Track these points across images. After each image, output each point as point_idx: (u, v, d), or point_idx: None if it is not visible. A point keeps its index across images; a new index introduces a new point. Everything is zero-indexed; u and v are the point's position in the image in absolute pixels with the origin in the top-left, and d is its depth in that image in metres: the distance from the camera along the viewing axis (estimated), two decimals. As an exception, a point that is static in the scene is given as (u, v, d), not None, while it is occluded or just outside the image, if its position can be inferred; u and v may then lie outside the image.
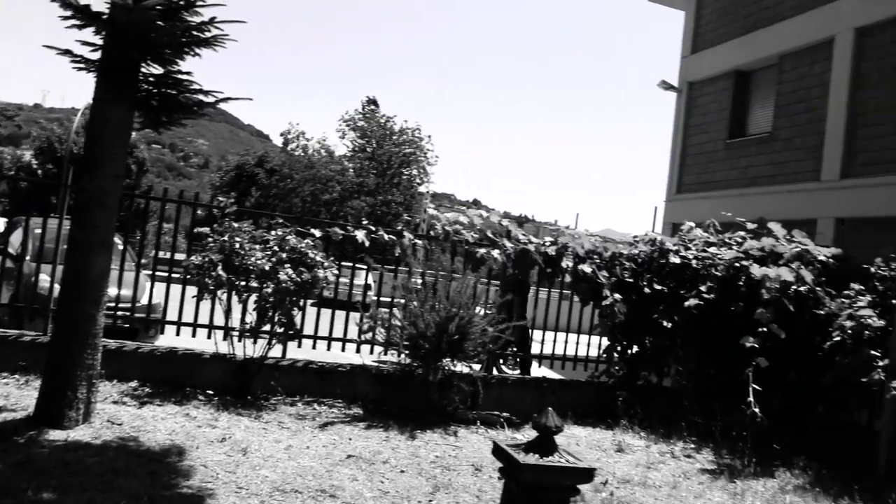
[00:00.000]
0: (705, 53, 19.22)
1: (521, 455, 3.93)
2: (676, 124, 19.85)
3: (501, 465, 4.15)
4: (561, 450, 4.03)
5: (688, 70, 19.83)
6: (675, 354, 10.07)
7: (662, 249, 10.18)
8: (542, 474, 3.84)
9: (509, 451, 3.97)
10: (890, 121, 14.00)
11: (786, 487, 7.40)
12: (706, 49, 19.25)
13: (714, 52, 18.85)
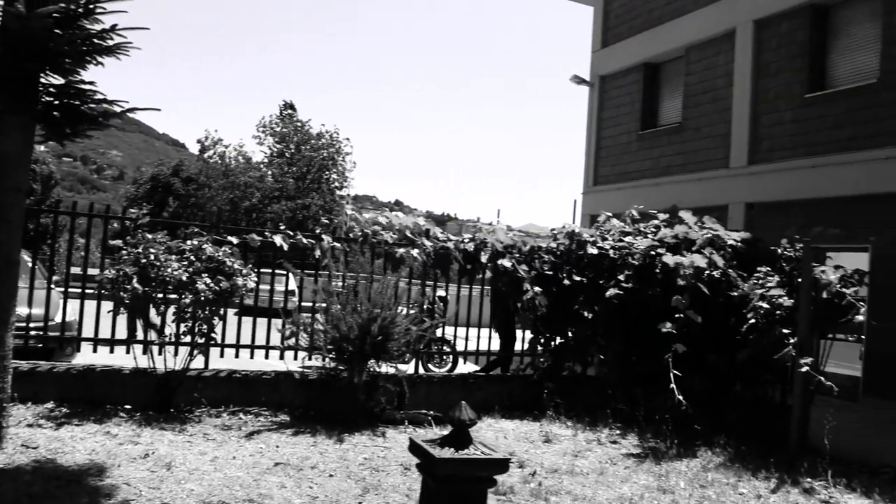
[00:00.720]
0: (615, 47, 19.63)
1: (436, 450, 3.96)
2: (590, 118, 20.22)
3: (418, 462, 4.17)
4: (477, 442, 4.07)
5: (599, 64, 20.21)
6: (597, 344, 10.27)
7: (580, 241, 10.36)
8: (457, 467, 3.87)
9: (425, 446, 3.99)
10: (790, 108, 14.56)
11: (707, 466, 7.63)
12: (616, 43, 19.66)
13: (623, 45, 19.27)
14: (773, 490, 6.98)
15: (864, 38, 13.71)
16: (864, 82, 13.38)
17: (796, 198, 13.99)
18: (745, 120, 15.33)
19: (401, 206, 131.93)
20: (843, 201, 13.26)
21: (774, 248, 9.30)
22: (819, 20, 14.42)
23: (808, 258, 8.08)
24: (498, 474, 4.04)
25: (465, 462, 3.88)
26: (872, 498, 6.87)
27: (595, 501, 6.29)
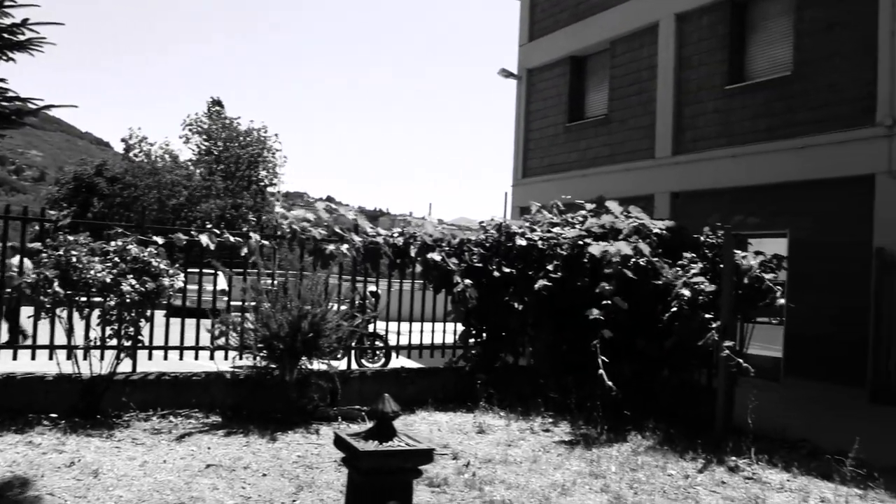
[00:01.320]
0: (542, 41, 19.84)
1: (360, 443, 3.97)
2: (518, 110, 20.41)
3: (343, 456, 4.18)
4: (402, 434, 4.10)
5: (526, 57, 20.41)
6: (527, 334, 10.40)
7: (509, 233, 10.47)
8: (381, 460, 3.89)
9: (349, 440, 4.00)
10: (711, 99, 14.96)
11: (637, 449, 7.80)
12: (542, 37, 19.89)
13: (550, 39, 19.50)
14: (700, 470, 7.17)
15: (778, 31, 14.17)
16: (780, 74, 13.84)
17: (719, 186, 14.41)
18: (668, 111, 15.69)
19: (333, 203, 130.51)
20: (763, 189, 13.71)
21: (698, 236, 9.55)
22: (737, 14, 14.84)
23: (728, 245, 8.31)
24: (423, 465, 4.07)
25: (389, 454, 3.90)
26: (791, 472, 7.13)
27: (528, 489, 6.37)
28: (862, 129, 12.25)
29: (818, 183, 12.88)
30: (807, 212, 13.09)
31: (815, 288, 12.67)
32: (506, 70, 20.37)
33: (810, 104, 13.16)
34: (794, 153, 13.17)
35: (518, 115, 20.52)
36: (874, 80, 12.21)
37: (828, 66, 12.98)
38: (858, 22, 12.60)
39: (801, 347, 12.94)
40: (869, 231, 12.06)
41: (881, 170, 11.94)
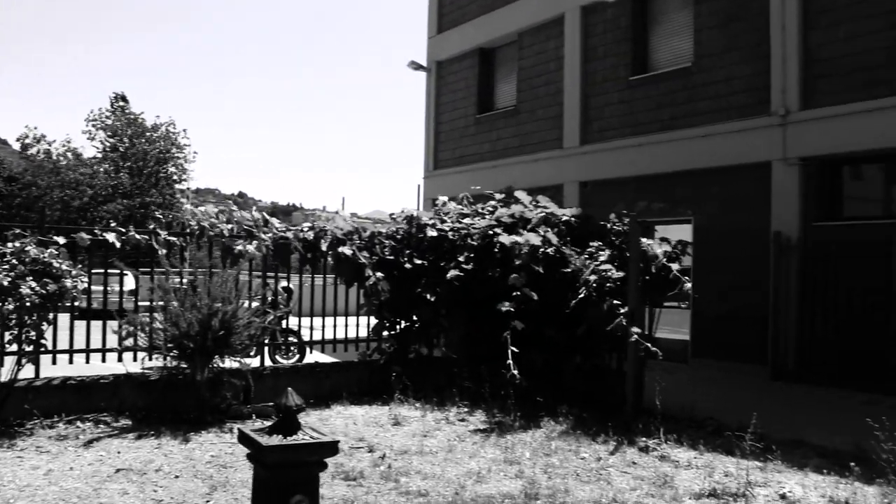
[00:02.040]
0: (450, 33, 19.91)
1: (264, 438, 3.94)
2: (428, 102, 20.46)
3: (248, 452, 4.15)
4: (306, 427, 4.09)
5: (435, 50, 20.45)
6: (441, 326, 10.46)
7: (419, 224, 10.50)
8: (285, 454, 3.87)
9: (252, 435, 3.97)
10: (617, 90, 15.30)
11: (551, 435, 7.96)
12: (451, 29, 19.96)
13: (459, 31, 19.58)
14: (611, 452, 7.36)
15: (679, 24, 14.59)
16: (681, 65, 14.26)
17: (626, 175, 14.77)
18: (575, 102, 15.98)
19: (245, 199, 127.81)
20: (668, 177, 14.12)
21: (604, 224, 9.77)
22: (640, 7, 15.21)
23: (634, 232, 8.53)
24: (328, 457, 4.07)
25: (294, 448, 3.88)
26: (698, 449, 7.39)
27: (444, 478, 6.42)
28: (758, 118, 12.75)
29: (719, 170, 13.34)
30: (710, 198, 13.56)
31: (719, 271, 13.15)
32: (415, 62, 20.37)
33: (710, 94, 13.61)
34: (695, 142, 13.60)
35: (428, 107, 20.57)
36: (768, 72, 12.71)
37: (725, 58, 13.44)
38: (752, 16, 13.08)
39: (707, 329, 13.41)
40: (767, 216, 12.57)
41: (776, 157, 12.45)
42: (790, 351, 12.16)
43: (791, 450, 7.42)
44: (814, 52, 12.26)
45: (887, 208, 12.08)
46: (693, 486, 6.28)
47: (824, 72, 12.13)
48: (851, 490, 6.11)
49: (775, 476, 6.59)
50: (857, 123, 11.54)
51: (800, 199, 12.23)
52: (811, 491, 6.21)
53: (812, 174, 12.29)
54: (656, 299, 9.12)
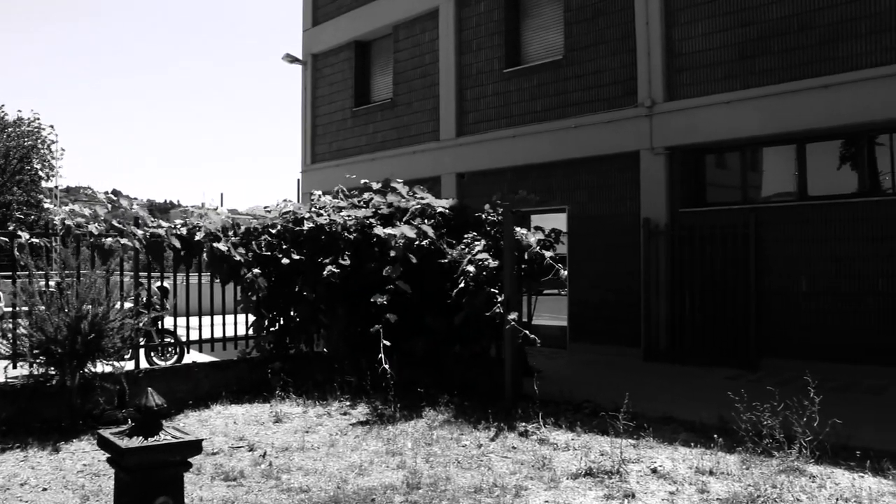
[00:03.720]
0: (326, 26, 19.72)
1: (124, 440, 3.82)
2: (304, 96, 20.22)
3: (108, 456, 4.01)
4: (168, 428, 3.99)
5: (310, 42, 20.22)
6: (320, 321, 10.35)
7: (296, 219, 10.35)
8: (146, 455, 3.76)
9: (112, 438, 3.84)
10: (491, 82, 15.53)
11: (433, 424, 8.01)
12: (326, 21, 19.77)
13: (334, 24, 19.42)
14: (492, 438, 7.48)
15: (550, 18, 14.92)
16: (552, 58, 14.60)
17: (502, 165, 15.03)
18: (451, 94, 16.12)
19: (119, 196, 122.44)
20: (543, 167, 14.46)
21: (480, 214, 9.90)
22: (512, 1, 15.49)
23: (508, 221, 8.68)
24: (192, 456, 3.98)
25: (154, 449, 3.77)
26: (575, 431, 7.60)
27: (326, 473, 6.38)
28: (626, 109, 13.21)
29: (591, 160, 13.76)
30: (583, 187, 13.97)
31: (594, 258, 13.58)
32: (290, 55, 20.06)
33: (581, 86, 14.00)
34: (568, 132, 13.97)
35: (304, 100, 20.32)
36: (634, 65, 13.19)
37: (594, 52, 13.85)
38: (618, 11, 13.54)
39: (584, 314, 13.82)
40: (637, 203, 13.06)
41: (644, 146, 12.95)
42: (661, 332, 12.68)
43: (662, 426, 7.75)
44: (676, 47, 12.80)
45: (746, 194, 12.76)
46: (570, 466, 6.46)
47: (686, 65, 12.69)
48: (715, 460, 6.43)
49: (647, 452, 6.86)
50: (715, 114, 12.15)
51: (667, 187, 12.76)
52: (680, 464, 6.50)
53: (677, 163, 12.84)
54: (532, 286, 9.33)
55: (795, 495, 5.60)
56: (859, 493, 5.59)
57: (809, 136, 11.63)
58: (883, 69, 10.59)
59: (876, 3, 10.78)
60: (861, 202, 11.11)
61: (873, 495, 5.61)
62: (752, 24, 11.95)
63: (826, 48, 11.20)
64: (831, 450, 6.45)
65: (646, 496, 5.72)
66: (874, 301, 10.75)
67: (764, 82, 11.76)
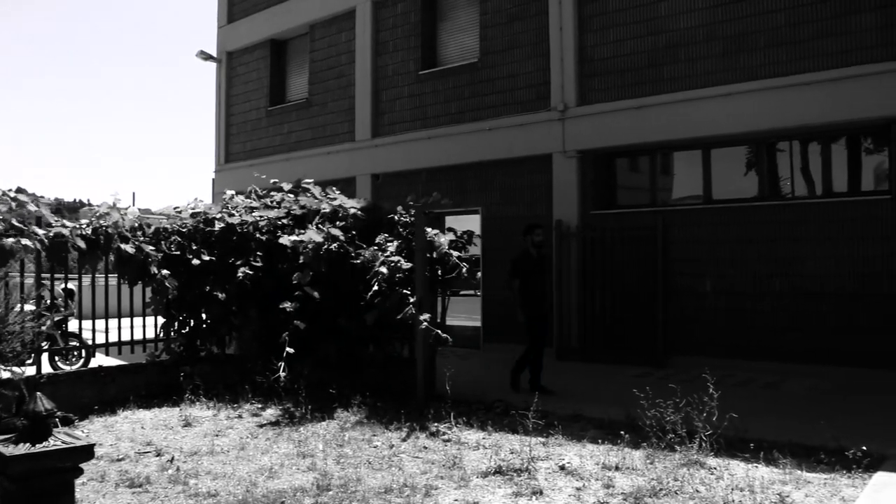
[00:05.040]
0: (241, 23, 19.45)
1: (9, 448, 3.68)
2: (219, 94, 19.90)
3: None
4: (58, 433, 3.87)
5: (225, 40, 19.90)
6: (231, 322, 10.21)
7: (207, 219, 10.16)
8: (33, 463, 3.63)
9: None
10: (407, 84, 15.58)
11: (345, 426, 7.98)
12: (242, 19, 19.50)
13: (250, 21, 19.16)
14: (404, 439, 7.49)
15: (466, 21, 15.06)
16: (468, 61, 14.74)
17: (417, 167, 15.09)
18: (367, 95, 16.11)
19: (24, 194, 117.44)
20: (457, 168, 14.58)
21: (392, 216, 9.92)
22: (429, 3, 15.56)
23: (420, 223, 8.72)
24: (83, 462, 3.86)
25: (42, 456, 3.63)
26: (487, 430, 7.68)
27: (235, 477, 6.29)
28: (539, 112, 13.44)
29: (505, 162, 13.94)
30: (497, 189, 14.15)
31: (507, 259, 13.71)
32: (204, 52, 19.67)
33: (496, 89, 14.18)
34: (482, 135, 14.12)
35: (219, 99, 19.98)
36: (548, 69, 13.43)
37: (509, 55, 14.05)
38: (533, 16, 13.77)
39: (498, 315, 13.97)
40: (550, 205, 13.30)
41: (557, 149, 13.20)
42: (573, 332, 12.94)
43: (571, 424, 7.91)
44: (588, 53, 13.09)
45: (655, 197, 13.13)
46: (481, 465, 6.53)
47: (598, 71, 12.99)
48: (622, 455, 6.60)
49: (557, 449, 6.98)
50: (626, 119, 12.48)
51: (579, 189, 13.04)
52: (587, 460, 6.64)
53: (589, 166, 13.14)
54: (444, 288, 9.39)
55: (695, 487, 5.80)
56: (752, 483, 5.82)
57: (714, 141, 12.06)
58: (777, 80, 11.09)
59: (773, 19, 11.27)
60: (762, 206, 11.59)
61: (765, 483, 5.87)
62: (661, 33, 12.32)
63: (728, 59, 11.64)
64: (730, 442, 6.71)
65: (553, 492, 5.83)
66: (771, 301, 11.22)
67: (671, 89, 12.14)
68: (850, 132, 11.19)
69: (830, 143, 11.43)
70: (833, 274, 10.79)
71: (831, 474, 6.11)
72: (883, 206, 10.52)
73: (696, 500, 5.54)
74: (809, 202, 11.34)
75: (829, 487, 5.84)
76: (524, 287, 9.96)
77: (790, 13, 11.13)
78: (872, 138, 11.06)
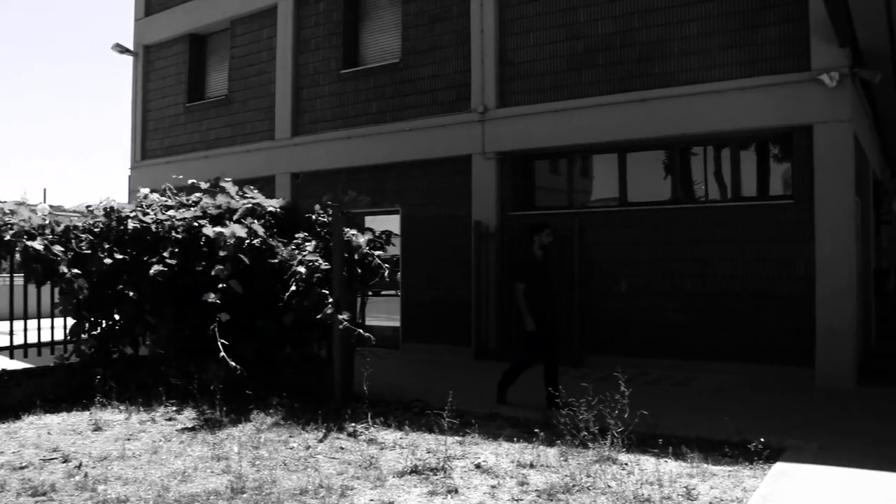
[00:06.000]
0: (160, 16, 19.03)
1: None
2: (135, 89, 19.44)
3: None
4: None
5: (143, 33, 19.45)
6: (145, 323, 9.98)
7: (120, 217, 9.91)
8: None
9: None
10: (328, 83, 15.51)
11: (261, 427, 7.90)
12: (160, 12, 19.11)
13: (168, 14, 18.77)
14: (321, 440, 7.47)
15: (388, 21, 15.06)
16: (390, 61, 14.75)
17: (337, 166, 15.04)
18: (287, 94, 15.96)
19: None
20: (378, 168, 14.58)
21: (311, 215, 9.86)
22: (351, 2, 15.51)
23: (338, 223, 8.69)
24: None
25: None
26: (404, 430, 7.72)
27: (146, 482, 6.16)
28: (460, 114, 13.54)
29: (426, 162, 14.00)
30: (416, 189, 14.19)
31: (427, 259, 13.83)
32: (120, 45, 19.12)
33: (417, 90, 14.22)
34: (403, 135, 14.15)
35: (135, 93, 19.49)
36: (469, 71, 13.55)
37: (431, 57, 14.11)
38: (455, 18, 13.86)
39: (417, 315, 14.03)
40: (469, 206, 13.42)
41: (476, 151, 13.32)
42: (491, 332, 13.09)
43: (488, 423, 8.01)
44: (509, 56, 13.25)
45: (573, 199, 13.38)
46: (397, 465, 6.56)
47: (517, 74, 13.16)
48: (536, 453, 6.73)
49: (473, 448, 7.06)
50: (544, 122, 12.68)
51: (497, 191, 13.19)
52: (503, 458, 6.74)
53: (508, 167, 13.30)
54: (362, 288, 9.38)
55: (607, 482, 5.95)
56: (661, 477, 6.01)
57: (630, 145, 12.37)
58: (690, 87, 11.44)
59: (686, 28, 11.63)
60: (676, 209, 11.93)
61: (673, 477, 6.06)
62: (580, 38, 12.55)
63: (644, 65, 11.94)
64: (641, 439, 6.92)
65: (468, 490, 5.90)
66: (684, 300, 11.56)
67: (589, 93, 12.39)
68: (759, 139, 11.64)
69: (741, 149, 11.85)
70: (741, 274, 11.19)
71: (735, 466, 6.39)
72: (787, 211, 10.95)
73: (607, 495, 5.69)
74: (720, 205, 11.74)
75: (732, 479, 6.10)
76: (530, 292, 9.12)
77: (701, 23, 11.50)
78: (779, 146, 11.52)
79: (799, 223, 10.76)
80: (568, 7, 12.68)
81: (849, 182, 10.46)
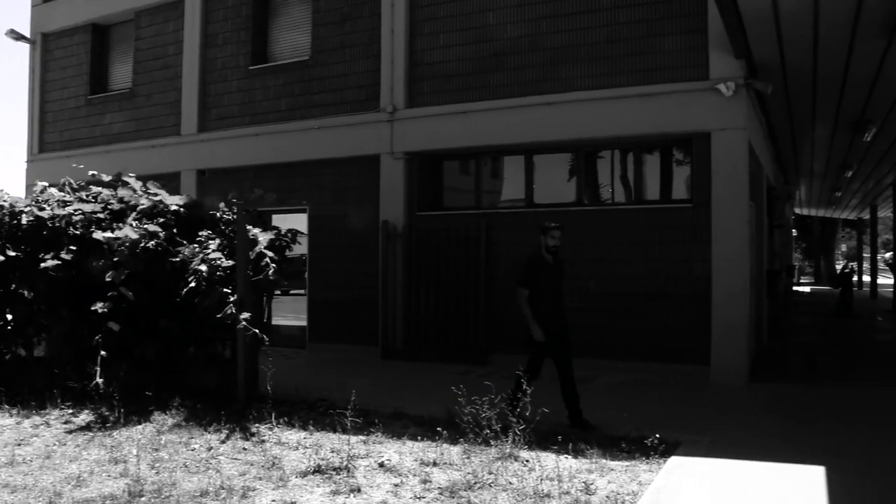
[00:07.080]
0: (59, 3, 18.36)
1: None
2: (32, 79, 18.72)
3: None
4: None
5: (41, 20, 18.70)
6: (39, 323, 9.64)
7: (13, 212, 9.56)
8: None
9: None
10: (236, 78, 15.28)
11: (162, 429, 7.76)
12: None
13: (69, 2, 18.11)
14: (223, 440, 7.38)
15: (298, 18, 14.95)
16: (299, 58, 14.65)
17: (244, 164, 14.84)
18: (194, 88, 15.65)
19: None
20: (286, 166, 14.46)
21: (214, 213, 9.70)
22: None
23: (242, 220, 8.59)
24: None
25: None
26: (308, 430, 7.70)
27: (38, 488, 5.98)
28: (369, 113, 13.55)
29: (334, 161, 13.95)
30: (325, 188, 14.13)
31: (334, 259, 13.79)
32: (16, 32, 18.27)
33: (326, 88, 14.15)
34: (312, 133, 14.06)
35: (32, 83, 18.72)
36: (378, 71, 13.56)
37: (341, 55, 14.05)
38: (365, 17, 13.85)
39: (324, 314, 13.97)
40: (377, 205, 13.43)
41: (385, 150, 13.35)
42: (398, 331, 13.14)
43: (392, 421, 8.06)
44: (418, 56, 13.32)
45: (480, 200, 13.55)
46: (300, 465, 6.55)
47: (427, 74, 13.24)
48: (440, 451, 6.82)
49: (377, 447, 7.11)
50: (452, 123, 12.80)
51: (405, 191, 13.24)
52: (407, 457, 6.81)
53: (417, 168, 13.37)
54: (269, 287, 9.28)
55: (508, 479, 6.09)
56: (561, 473, 6.18)
57: (537, 148, 12.60)
58: (596, 92, 11.74)
59: (592, 34, 11.92)
60: (581, 210, 12.20)
61: (573, 472, 6.26)
62: (489, 41, 12.71)
63: (551, 69, 12.18)
64: (543, 436, 7.08)
65: (371, 489, 5.95)
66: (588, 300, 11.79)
67: (498, 95, 12.55)
68: (662, 145, 12.04)
69: (645, 153, 12.23)
70: (643, 275, 11.53)
71: (632, 461, 6.64)
72: (686, 214, 11.35)
73: (508, 491, 5.82)
74: (625, 208, 12.09)
75: (629, 473, 6.33)
76: (535, 299, 8.43)
77: (608, 30, 11.80)
78: (681, 151, 11.94)
79: (697, 226, 11.17)
80: (478, 10, 12.83)
81: (743, 187, 10.92)
